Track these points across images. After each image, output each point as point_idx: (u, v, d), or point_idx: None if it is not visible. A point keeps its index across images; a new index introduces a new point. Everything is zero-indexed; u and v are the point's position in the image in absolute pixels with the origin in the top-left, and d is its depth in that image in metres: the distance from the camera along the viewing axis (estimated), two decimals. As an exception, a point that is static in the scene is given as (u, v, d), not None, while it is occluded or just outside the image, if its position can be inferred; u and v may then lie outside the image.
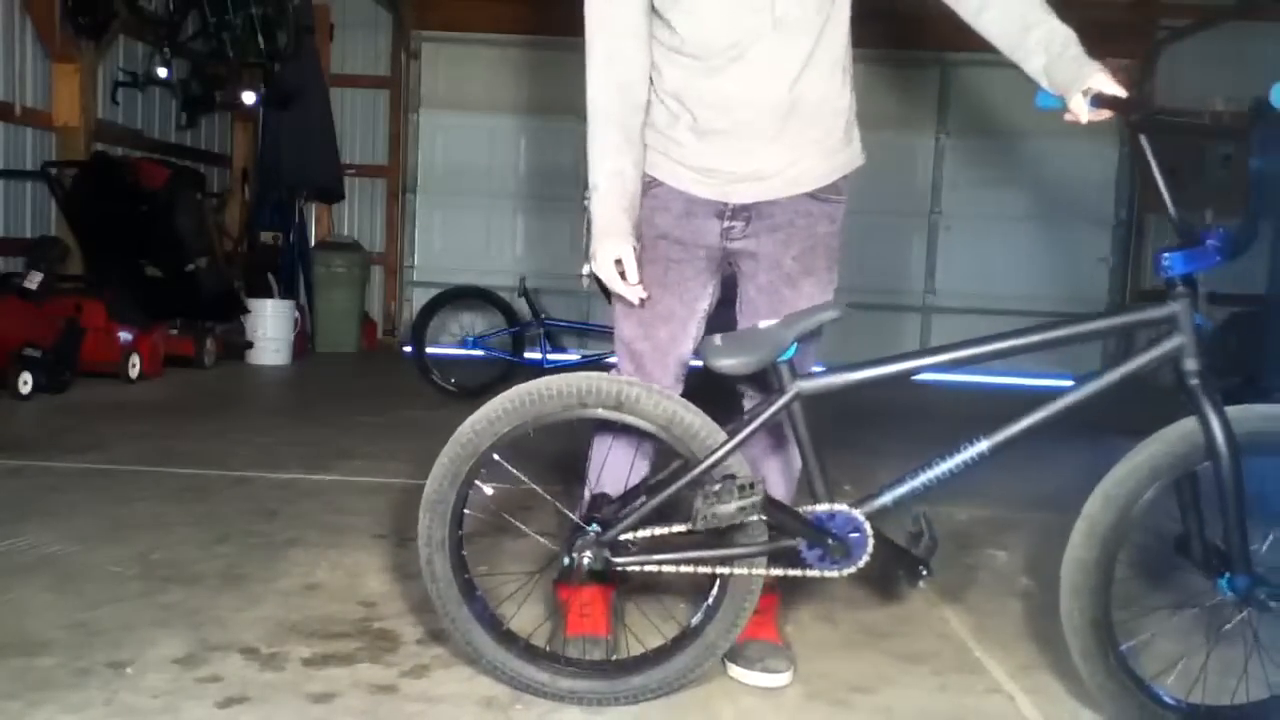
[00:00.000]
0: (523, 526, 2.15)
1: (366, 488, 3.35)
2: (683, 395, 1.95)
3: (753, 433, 1.81)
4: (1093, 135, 8.87)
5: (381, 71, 8.33)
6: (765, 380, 1.85)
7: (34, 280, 5.01)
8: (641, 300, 1.92)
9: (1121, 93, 1.83)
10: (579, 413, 1.82)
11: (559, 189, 7.81)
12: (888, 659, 2.11)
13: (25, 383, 4.63)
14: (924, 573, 1.84)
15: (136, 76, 6.55)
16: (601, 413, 1.81)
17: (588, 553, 1.80)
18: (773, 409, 1.80)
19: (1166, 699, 1.84)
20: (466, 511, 1.87)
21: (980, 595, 2.50)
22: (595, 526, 1.82)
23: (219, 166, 7.77)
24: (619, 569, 1.83)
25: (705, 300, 2.05)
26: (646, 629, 2.04)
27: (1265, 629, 1.86)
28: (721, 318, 2.09)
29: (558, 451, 2.14)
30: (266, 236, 7.54)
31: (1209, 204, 7.82)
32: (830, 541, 1.81)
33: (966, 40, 2.10)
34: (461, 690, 1.86)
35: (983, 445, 1.78)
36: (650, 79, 1.95)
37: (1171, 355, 1.76)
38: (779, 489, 2.05)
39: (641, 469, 2.08)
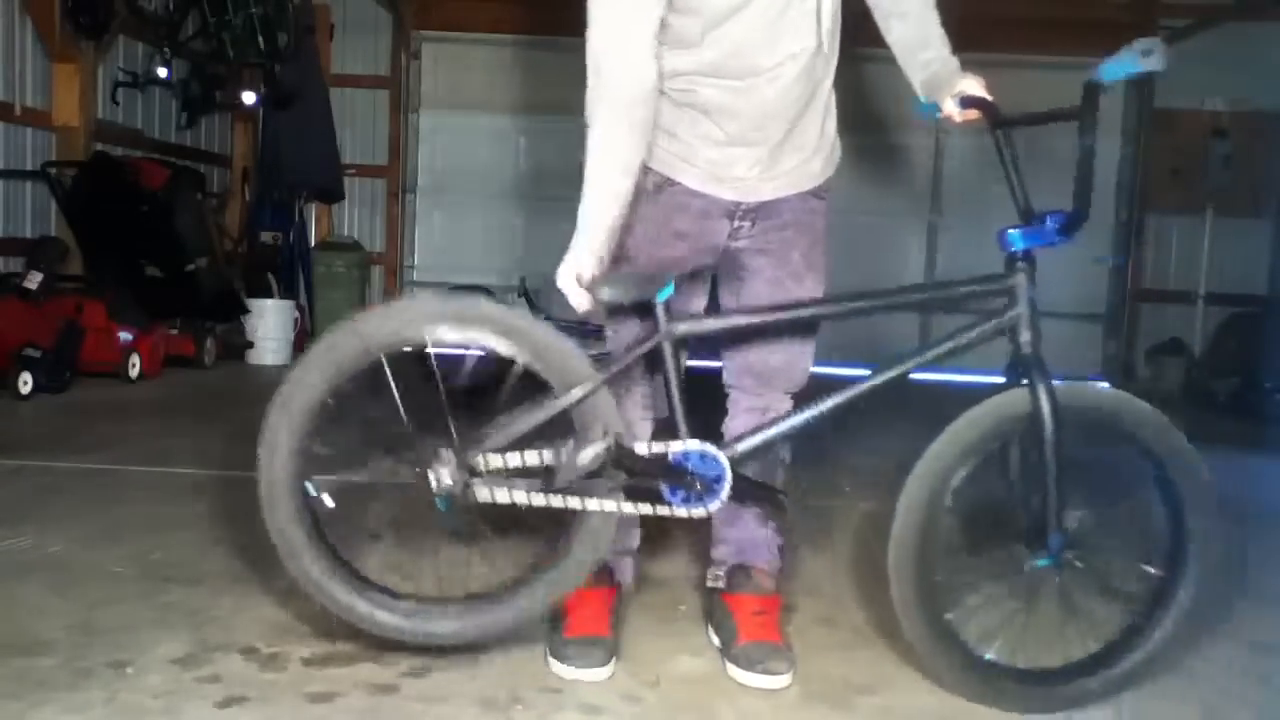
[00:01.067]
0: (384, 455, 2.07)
1: (366, 487, 3.35)
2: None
3: (621, 369, 1.85)
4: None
5: (381, 71, 8.33)
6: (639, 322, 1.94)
7: (34, 280, 5.01)
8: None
9: (984, 95, 2.01)
10: (458, 332, 1.80)
11: (559, 189, 7.75)
12: (888, 659, 2.10)
13: (25, 383, 4.63)
14: (783, 501, 1.97)
15: (136, 76, 6.55)
16: (483, 335, 1.80)
17: (445, 473, 1.78)
18: (644, 347, 1.85)
19: (997, 664, 1.94)
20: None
21: (980, 595, 2.49)
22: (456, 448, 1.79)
23: (219, 166, 7.76)
24: (475, 495, 1.80)
25: (699, 300, 2.10)
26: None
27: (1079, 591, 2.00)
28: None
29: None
30: (266, 236, 7.53)
31: (1211, 202, 7.84)
32: (691, 481, 1.84)
33: (967, 40, 2.14)
34: (461, 690, 1.86)
35: (837, 399, 1.90)
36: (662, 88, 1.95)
37: (1010, 325, 1.88)
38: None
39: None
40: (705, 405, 2.10)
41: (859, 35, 2.09)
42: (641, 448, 1.87)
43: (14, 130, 5.68)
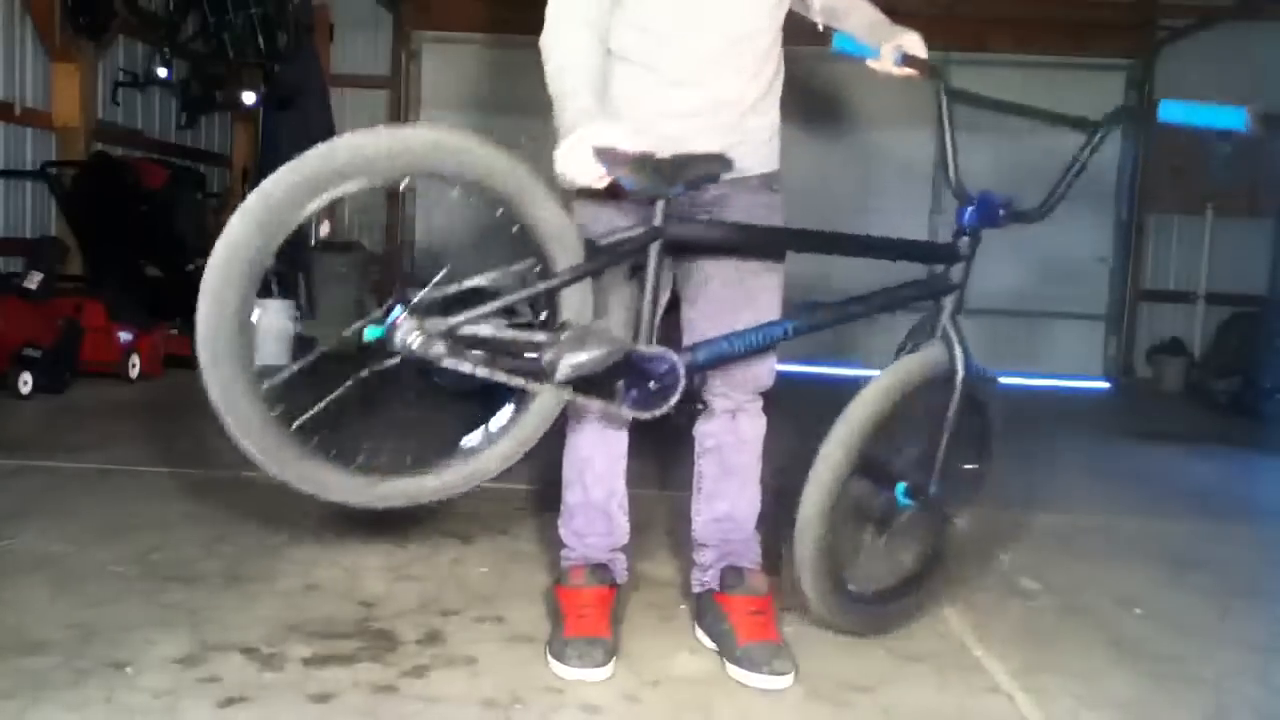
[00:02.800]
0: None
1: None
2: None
3: (614, 260, 1.78)
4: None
5: (381, 71, 8.33)
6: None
7: (34, 280, 5.00)
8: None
9: (924, 55, 2.04)
10: (473, 179, 1.65)
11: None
12: (888, 659, 2.10)
13: (25, 383, 4.63)
14: (698, 408, 2.03)
15: (136, 76, 6.55)
16: (499, 191, 1.66)
17: (413, 331, 1.59)
18: (637, 239, 1.78)
19: (861, 594, 2.16)
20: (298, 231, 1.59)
21: (980, 595, 2.50)
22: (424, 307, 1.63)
23: (219, 166, 7.77)
24: (431, 358, 1.62)
25: (665, 293, 2.09)
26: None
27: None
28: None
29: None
30: (266, 236, 7.53)
31: (1211, 202, 7.85)
32: (649, 384, 1.84)
33: (967, 40, 2.15)
34: (461, 690, 1.86)
35: (789, 325, 1.96)
36: (625, 59, 2.00)
37: (942, 288, 2.03)
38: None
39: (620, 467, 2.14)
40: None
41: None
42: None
43: (14, 130, 5.68)
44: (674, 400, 1.85)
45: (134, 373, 5.41)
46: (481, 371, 1.65)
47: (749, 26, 2.00)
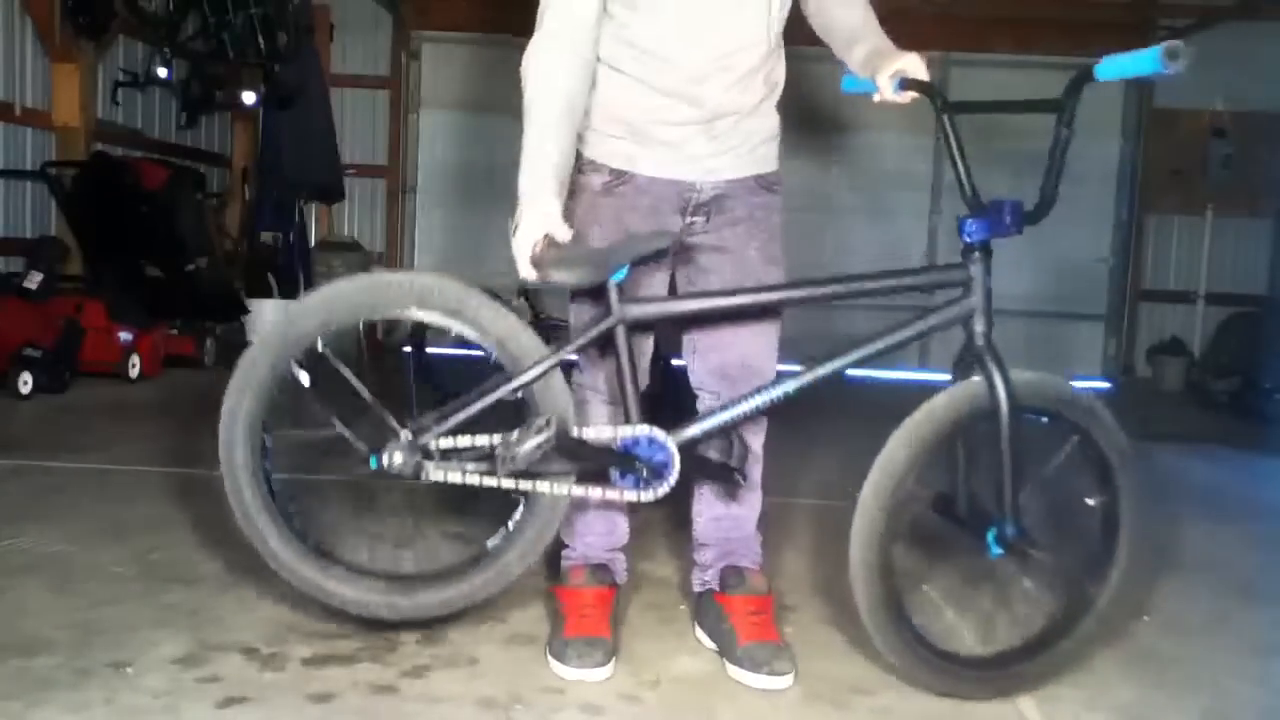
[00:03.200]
0: (339, 425, 2.00)
1: (367, 488, 3.35)
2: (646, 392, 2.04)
3: (574, 349, 1.86)
4: (1093, 136, 8.85)
5: (381, 71, 8.33)
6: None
7: (34, 280, 5.00)
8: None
9: (926, 77, 1.95)
10: (416, 313, 1.81)
11: (559, 189, 7.81)
12: (888, 660, 2.10)
13: (25, 383, 4.63)
14: (738, 479, 1.94)
15: (136, 76, 6.55)
16: (438, 317, 1.81)
17: (398, 454, 1.79)
18: (599, 328, 1.84)
19: (953, 654, 1.97)
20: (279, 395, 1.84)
21: (981, 595, 2.50)
22: (410, 431, 1.81)
23: (219, 166, 7.77)
24: (427, 476, 1.81)
25: (663, 293, 2.10)
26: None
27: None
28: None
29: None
30: (266, 236, 7.53)
31: (1211, 202, 7.85)
32: (639, 466, 1.85)
33: (967, 40, 2.14)
34: (461, 690, 1.86)
35: (789, 386, 1.89)
36: (615, 69, 1.98)
37: (965, 315, 1.87)
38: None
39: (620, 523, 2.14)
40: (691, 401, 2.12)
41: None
42: (589, 433, 1.87)
43: (14, 130, 5.68)
44: (672, 478, 1.85)
45: (134, 373, 5.41)
46: (472, 480, 1.80)
47: (743, 40, 1.96)
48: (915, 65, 1.96)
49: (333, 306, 1.80)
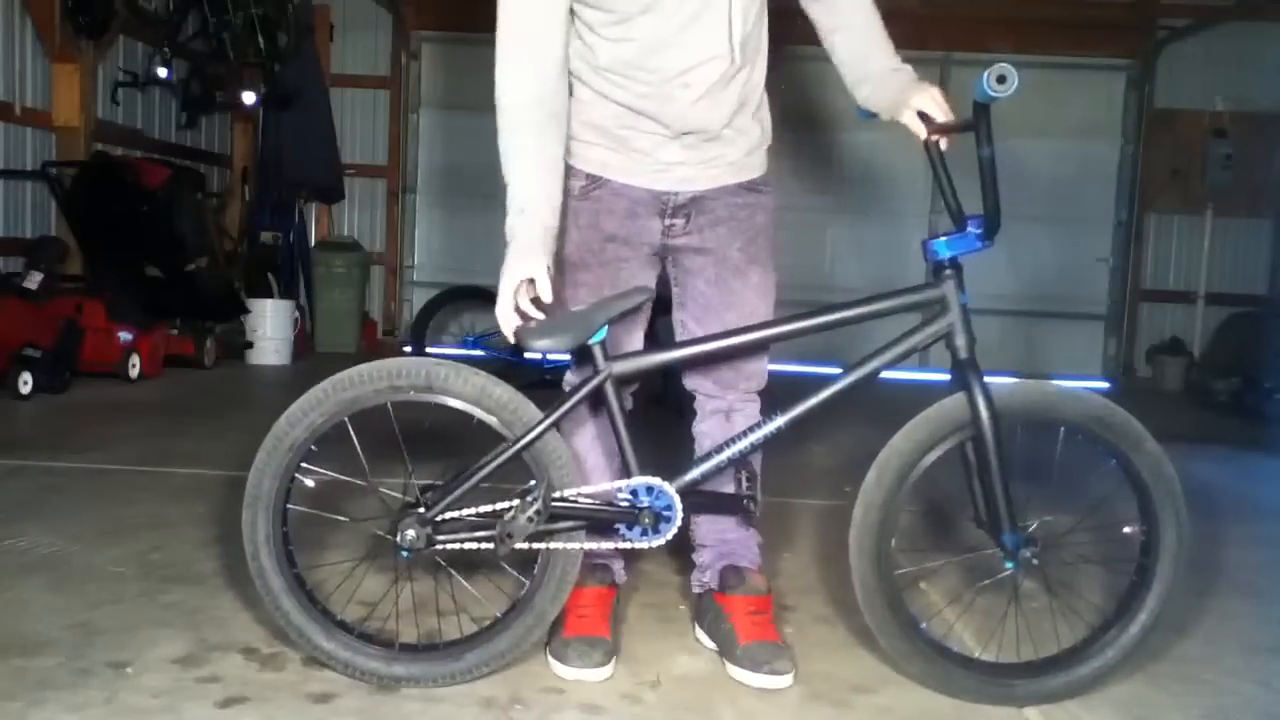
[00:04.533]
0: (346, 519, 2.13)
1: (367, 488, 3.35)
2: (637, 393, 2.08)
3: (567, 411, 1.88)
4: (1093, 136, 8.88)
5: (381, 71, 8.34)
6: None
7: (34, 280, 5.01)
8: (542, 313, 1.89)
9: (941, 116, 1.94)
10: (392, 396, 1.87)
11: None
12: (888, 659, 2.10)
13: (25, 383, 4.63)
14: (751, 507, 1.95)
15: (136, 76, 6.55)
16: (414, 395, 1.86)
17: (410, 531, 1.84)
18: (586, 389, 1.87)
19: (958, 654, 1.98)
20: (291, 507, 1.90)
21: (981, 595, 2.50)
22: (420, 508, 1.86)
23: (219, 166, 7.77)
24: (440, 547, 1.87)
25: (640, 333, 2.10)
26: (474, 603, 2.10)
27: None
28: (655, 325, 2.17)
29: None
30: (266, 236, 7.54)
31: (1211, 202, 7.85)
32: (642, 516, 1.87)
33: (967, 40, 2.13)
34: (461, 690, 1.86)
35: (780, 421, 1.90)
36: (582, 81, 1.97)
37: (943, 333, 1.89)
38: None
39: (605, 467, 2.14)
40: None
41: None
42: (588, 491, 1.90)
43: (14, 130, 5.68)
44: (677, 522, 1.88)
45: (134, 373, 5.41)
46: (470, 547, 1.86)
47: (701, 55, 1.91)
48: (937, 101, 1.94)
49: (311, 411, 1.86)
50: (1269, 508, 3.98)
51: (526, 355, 5.73)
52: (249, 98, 6.97)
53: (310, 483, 1.90)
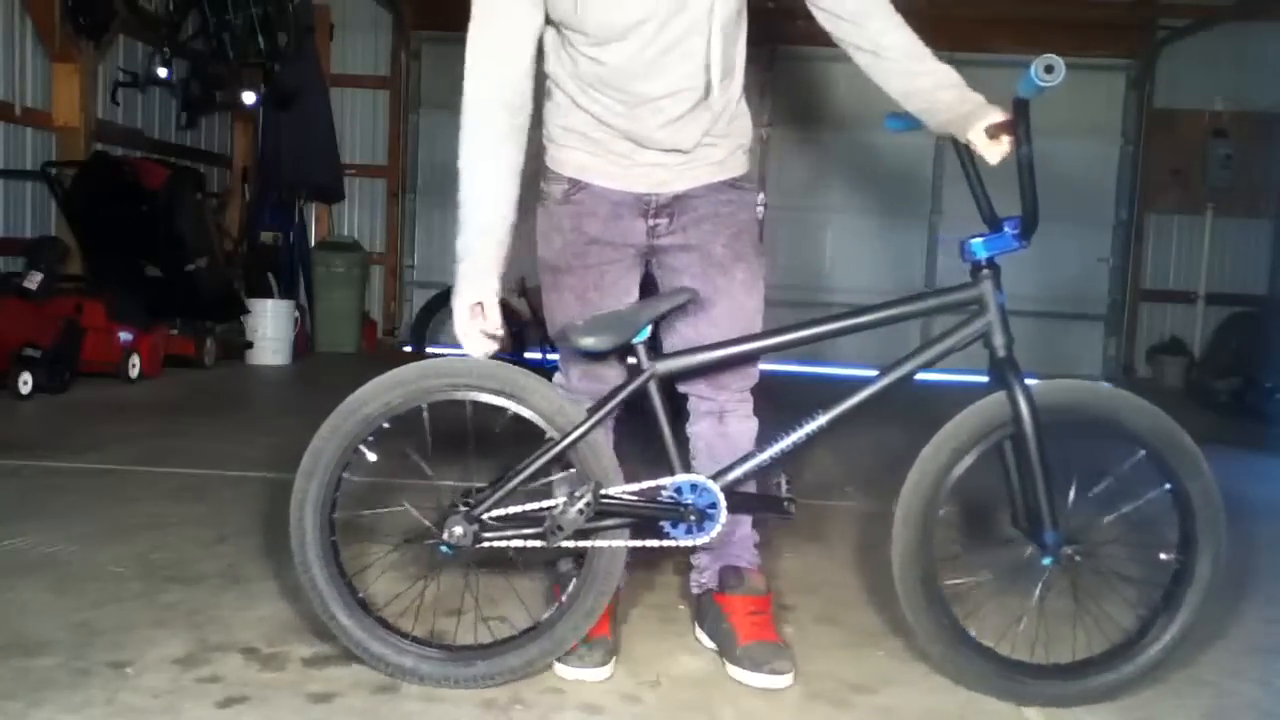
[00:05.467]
0: (408, 505, 2.09)
1: (367, 488, 3.35)
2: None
3: (610, 411, 1.90)
4: (1092, 136, 8.89)
5: (381, 71, 8.34)
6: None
7: (34, 280, 5.01)
8: (496, 343, 1.92)
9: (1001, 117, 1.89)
10: (465, 394, 1.89)
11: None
12: (889, 659, 2.10)
13: (25, 383, 4.63)
14: (790, 509, 1.96)
15: (136, 76, 6.55)
16: (486, 397, 1.89)
17: (457, 528, 1.86)
18: (630, 387, 1.90)
19: (997, 655, 1.95)
20: (346, 475, 1.92)
21: (982, 596, 2.50)
22: (466, 504, 1.88)
23: (219, 166, 7.77)
24: (486, 545, 1.89)
25: (634, 294, 2.10)
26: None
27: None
28: None
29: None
30: (266, 236, 7.54)
31: (1211, 202, 7.85)
32: (687, 513, 1.89)
33: (967, 40, 2.13)
34: (461, 691, 1.86)
35: (821, 420, 1.91)
36: (559, 86, 1.99)
37: (981, 333, 1.91)
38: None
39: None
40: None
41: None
42: (633, 488, 1.91)
43: (14, 130, 5.69)
44: (721, 520, 1.89)
45: (134, 373, 5.41)
46: (516, 544, 1.89)
47: (670, 87, 1.91)
48: (997, 116, 1.90)
49: (398, 390, 1.88)
50: (1269, 508, 3.98)
51: (525, 355, 5.73)
52: (249, 98, 6.97)
53: (373, 456, 1.91)
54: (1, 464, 3.41)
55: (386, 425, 1.90)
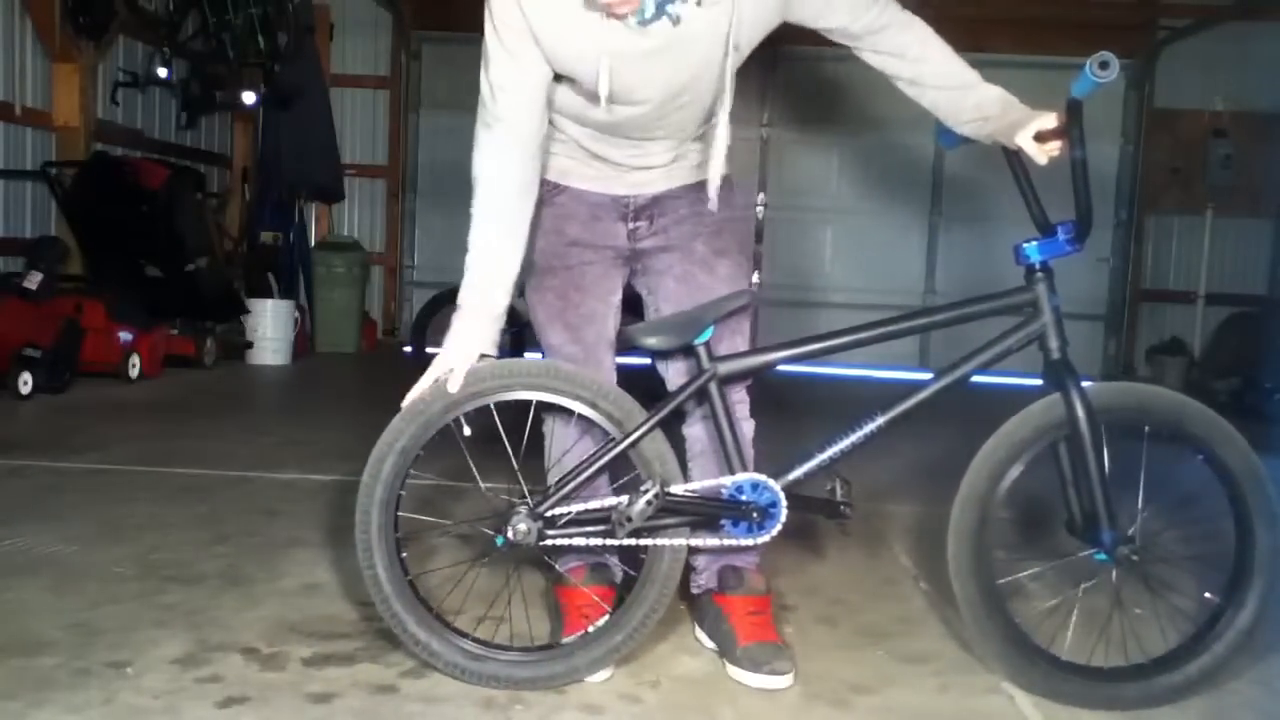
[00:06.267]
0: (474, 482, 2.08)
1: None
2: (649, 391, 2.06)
3: (672, 410, 1.91)
4: (1092, 136, 8.78)
5: (381, 71, 8.34)
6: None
7: (34, 280, 5.01)
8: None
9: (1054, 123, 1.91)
10: (534, 395, 1.92)
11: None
12: (888, 659, 2.10)
13: (25, 383, 4.63)
14: (846, 512, 1.95)
15: (136, 76, 6.55)
16: (545, 395, 1.91)
17: (521, 525, 1.87)
18: (692, 387, 1.91)
19: (1060, 660, 1.95)
20: (413, 473, 1.92)
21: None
22: (528, 503, 1.89)
23: (219, 166, 7.77)
24: (550, 543, 1.90)
25: (618, 294, 2.13)
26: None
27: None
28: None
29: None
30: (266, 236, 7.54)
31: (1211, 202, 7.85)
32: (748, 512, 1.90)
33: (967, 40, 2.13)
34: (461, 690, 1.86)
35: (880, 420, 1.92)
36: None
37: (1037, 335, 1.94)
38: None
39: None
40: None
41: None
42: (696, 486, 1.93)
43: (14, 130, 5.69)
44: (782, 518, 1.90)
45: (134, 373, 5.42)
46: (579, 542, 1.92)
47: (646, 149, 1.98)
48: (1048, 121, 1.91)
49: (475, 385, 1.90)
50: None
51: (526, 355, 5.73)
52: (249, 98, 6.97)
53: (468, 430, 1.92)
54: (1, 464, 3.41)
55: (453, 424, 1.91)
